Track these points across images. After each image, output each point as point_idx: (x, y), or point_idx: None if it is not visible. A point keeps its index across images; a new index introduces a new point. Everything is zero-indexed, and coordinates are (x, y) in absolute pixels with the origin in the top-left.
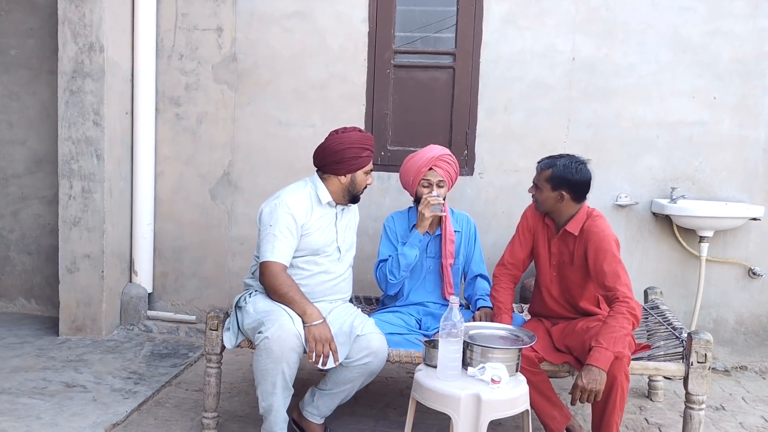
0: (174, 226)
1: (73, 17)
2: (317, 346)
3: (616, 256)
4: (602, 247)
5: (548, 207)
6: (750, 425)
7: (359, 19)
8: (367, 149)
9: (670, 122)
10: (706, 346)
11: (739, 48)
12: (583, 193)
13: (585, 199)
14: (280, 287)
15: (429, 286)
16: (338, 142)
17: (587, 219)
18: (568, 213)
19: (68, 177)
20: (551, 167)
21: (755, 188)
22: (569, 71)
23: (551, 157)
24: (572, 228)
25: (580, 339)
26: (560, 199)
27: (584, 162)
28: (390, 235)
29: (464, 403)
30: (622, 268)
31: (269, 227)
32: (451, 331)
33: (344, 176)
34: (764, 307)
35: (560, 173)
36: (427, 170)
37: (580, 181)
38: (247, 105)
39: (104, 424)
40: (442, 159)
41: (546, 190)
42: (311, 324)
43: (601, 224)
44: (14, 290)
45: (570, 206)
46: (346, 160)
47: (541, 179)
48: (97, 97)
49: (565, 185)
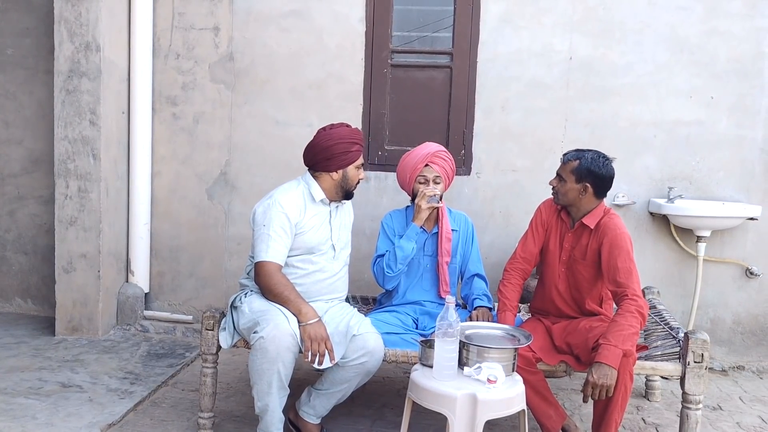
0: (171, 226)
1: (69, 16)
2: (313, 345)
3: (630, 254)
4: (617, 244)
5: (569, 199)
6: (747, 425)
7: (356, 19)
8: (356, 143)
9: (668, 122)
10: (703, 345)
11: (737, 48)
12: (606, 188)
13: (605, 195)
14: (276, 287)
15: (426, 284)
16: (327, 138)
17: (604, 215)
18: (587, 207)
19: (64, 176)
20: (579, 159)
21: (752, 188)
22: (566, 71)
23: (578, 150)
24: (589, 221)
25: (583, 337)
26: (583, 192)
27: (610, 159)
28: (388, 231)
29: (460, 403)
30: (635, 267)
31: (263, 227)
32: (447, 330)
33: (336, 172)
34: (761, 306)
35: (587, 165)
36: (423, 166)
37: (606, 175)
38: (244, 104)
39: (100, 424)
40: (437, 155)
41: (570, 182)
42: (307, 323)
43: (618, 222)
44: (10, 290)
45: (590, 201)
46: (336, 155)
47: (566, 170)
48: (93, 97)
49: (590, 177)
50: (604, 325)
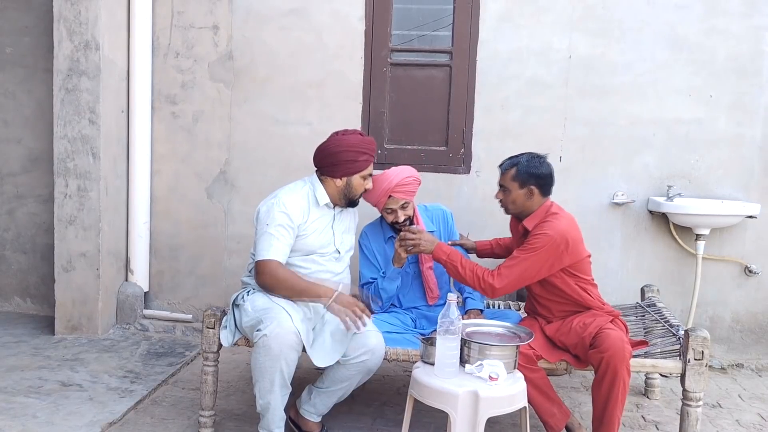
0: (170, 225)
1: (68, 15)
2: (349, 316)
3: (533, 255)
4: (530, 241)
5: (519, 206)
6: (746, 422)
7: (356, 17)
8: (365, 153)
9: (667, 120)
10: (703, 343)
11: (735, 46)
12: (550, 185)
13: (551, 192)
14: (284, 282)
15: (417, 291)
16: (336, 144)
17: (546, 216)
18: (535, 208)
19: (64, 175)
20: (515, 165)
21: (751, 186)
22: (566, 69)
23: (511, 158)
24: (529, 223)
25: (579, 337)
26: (530, 196)
27: (544, 156)
28: (367, 254)
29: (462, 401)
30: (525, 268)
31: (266, 226)
32: (449, 328)
33: (340, 179)
34: (760, 304)
35: (526, 168)
36: (387, 199)
37: (546, 173)
38: (243, 103)
39: (100, 423)
40: (396, 189)
41: (514, 189)
42: (331, 302)
43: (554, 224)
44: (10, 289)
45: (538, 201)
46: (342, 163)
47: (507, 179)
48: (92, 96)
49: (532, 179)
50: (597, 320)
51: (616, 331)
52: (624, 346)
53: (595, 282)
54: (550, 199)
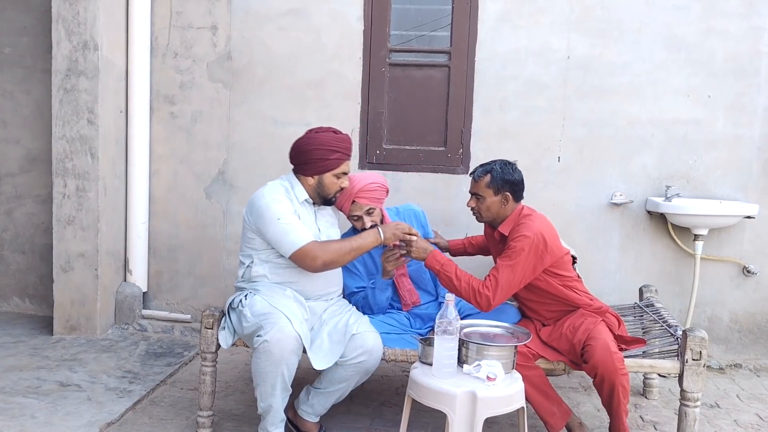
0: (169, 225)
1: (67, 15)
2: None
3: (518, 259)
4: (510, 245)
5: (493, 213)
6: (744, 423)
7: (354, 18)
8: (338, 152)
9: (665, 121)
10: (701, 343)
11: (734, 47)
12: (521, 191)
13: (522, 197)
14: (337, 251)
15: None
16: (307, 141)
17: (520, 219)
18: (508, 214)
19: (62, 175)
20: (489, 172)
21: (750, 186)
22: (564, 70)
23: (483, 165)
24: (504, 229)
25: (569, 342)
26: (504, 202)
27: (514, 162)
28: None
29: (460, 401)
30: (514, 273)
31: (277, 221)
32: (447, 328)
33: (311, 177)
34: (759, 305)
35: (500, 175)
36: (351, 204)
37: (519, 179)
38: (242, 103)
39: (99, 423)
40: (360, 194)
41: (489, 197)
42: (384, 239)
43: (529, 224)
44: (8, 289)
45: (512, 207)
46: (313, 161)
47: (481, 187)
48: (91, 96)
49: (506, 186)
50: (586, 323)
51: (601, 337)
52: (611, 356)
53: (579, 277)
54: (521, 205)
